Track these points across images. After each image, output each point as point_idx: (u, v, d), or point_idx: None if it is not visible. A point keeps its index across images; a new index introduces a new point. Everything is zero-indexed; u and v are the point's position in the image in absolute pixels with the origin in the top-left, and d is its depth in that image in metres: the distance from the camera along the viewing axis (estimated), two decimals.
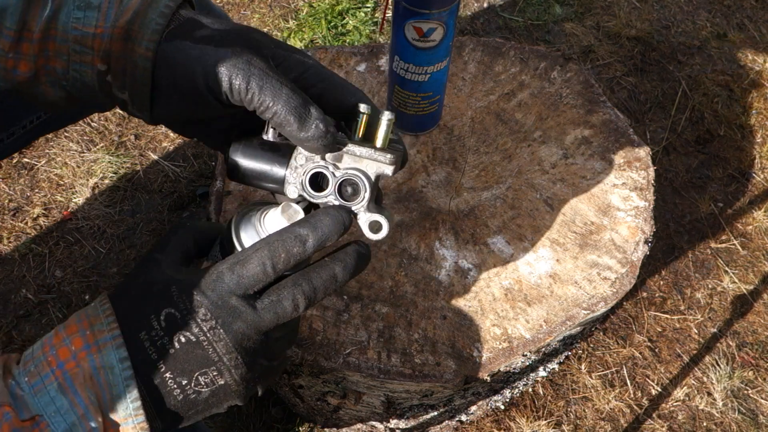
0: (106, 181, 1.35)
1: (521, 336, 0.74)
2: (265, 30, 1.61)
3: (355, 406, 0.85)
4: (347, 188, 0.48)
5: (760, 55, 1.59)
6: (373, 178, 0.48)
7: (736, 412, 1.12)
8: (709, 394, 1.14)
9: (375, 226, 0.49)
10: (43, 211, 1.31)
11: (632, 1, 1.68)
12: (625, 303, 1.23)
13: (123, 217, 1.30)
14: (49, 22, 0.48)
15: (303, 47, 1.54)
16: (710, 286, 1.26)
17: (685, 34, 1.62)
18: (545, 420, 1.09)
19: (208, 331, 0.44)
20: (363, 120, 0.48)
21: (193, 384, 0.44)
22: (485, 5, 1.67)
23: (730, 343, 1.20)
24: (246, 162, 0.49)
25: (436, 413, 0.89)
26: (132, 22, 0.47)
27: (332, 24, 1.61)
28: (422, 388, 0.74)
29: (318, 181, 0.48)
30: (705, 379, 1.16)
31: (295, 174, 0.48)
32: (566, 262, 0.79)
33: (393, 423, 0.92)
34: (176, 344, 0.44)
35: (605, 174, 0.86)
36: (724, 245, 1.31)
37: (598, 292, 0.77)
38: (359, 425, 0.98)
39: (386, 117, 0.47)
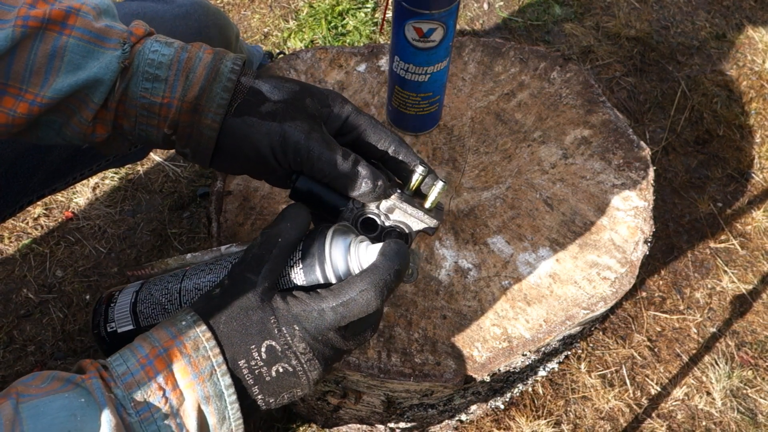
0: (107, 181, 1.35)
1: (521, 336, 0.74)
2: (266, 30, 1.61)
3: (355, 406, 0.86)
4: (391, 235, 0.57)
5: (760, 55, 1.59)
6: (415, 233, 0.57)
7: (735, 412, 1.12)
8: (709, 393, 1.14)
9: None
10: (44, 211, 1.31)
11: (632, 2, 1.69)
12: (624, 303, 1.24)
13: (124, 217, 1.30)
14: (123, 91, 0.54)
15: (303, 47, 1.54)
16: (709, 286, 1.26)
17: (685, 35, 1.63)
18: (545, 419, 1.10)
19: (305, 362, 0.48)
20: (418, 180, 0.56)
21: (278, 400, 0.50)
22: (485, 5, 1.67)
23: (729, 342, 1.20)
24: (313, 192, 0.56)
25: (435, 413, 0.89)
26: (199, 98, 0.54)
27: (332, 24, 1.61)
28: (422, 387, 0.74)
29: (368, 224, 0.57)
30: (704, 378, 1.16)
31: (350, 214, 0.56)
32: (566, 262, 0.79)
33: (393, 423, 0.92)
34: (273, 373, 0.48)
35: (605, 174, 0.86)
36: (723, 245, 1.31)
37: (597, 291, 0.77)
38: (359, 425, 0.98)
39: (440, 185, 0.55)
